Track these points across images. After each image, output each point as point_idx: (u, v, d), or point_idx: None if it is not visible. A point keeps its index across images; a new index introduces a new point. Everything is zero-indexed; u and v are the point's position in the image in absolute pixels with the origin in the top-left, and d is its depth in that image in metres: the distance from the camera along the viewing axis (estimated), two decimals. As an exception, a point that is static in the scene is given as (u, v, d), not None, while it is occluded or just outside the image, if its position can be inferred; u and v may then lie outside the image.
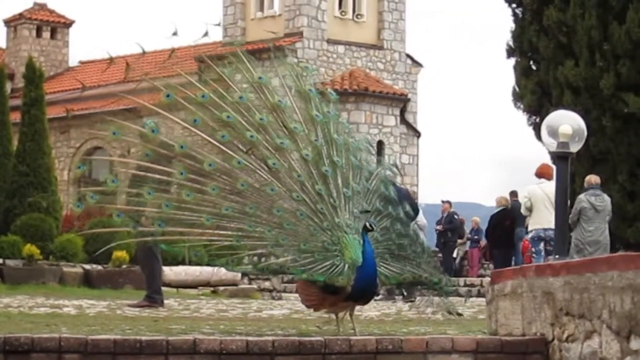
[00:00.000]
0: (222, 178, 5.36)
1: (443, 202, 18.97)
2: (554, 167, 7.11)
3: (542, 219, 10.51)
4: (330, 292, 5.23)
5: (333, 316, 5.47)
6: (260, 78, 5.49)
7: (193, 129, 5.42)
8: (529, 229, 11.53)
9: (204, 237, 5.34)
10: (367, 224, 5.25)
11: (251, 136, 5.38)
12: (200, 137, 5.42)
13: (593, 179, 10.76)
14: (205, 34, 5.82)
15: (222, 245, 5.32)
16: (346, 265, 5.18)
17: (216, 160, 5.36)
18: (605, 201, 10.64)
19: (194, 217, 5.29)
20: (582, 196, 10.55)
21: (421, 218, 13.48)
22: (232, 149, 5.38)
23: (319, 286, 5.22)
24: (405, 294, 9.85)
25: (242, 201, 5.31)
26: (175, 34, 5.85)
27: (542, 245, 10.87)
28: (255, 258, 5.35)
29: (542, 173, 10.81)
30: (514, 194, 16.95)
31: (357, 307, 5.53)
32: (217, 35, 28.16)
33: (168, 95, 5.46)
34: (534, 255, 11.05)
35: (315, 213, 5.28)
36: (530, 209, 10.87)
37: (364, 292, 5.31)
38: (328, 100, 5.61)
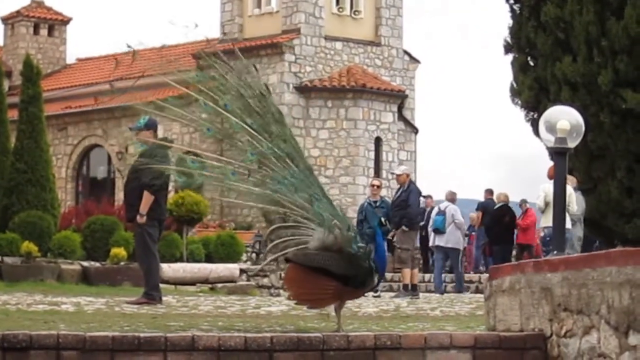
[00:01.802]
0: (278, 166, 5.16)
1: (424, 197, 19.14)
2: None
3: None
4: (363, 286, 5.15)
5: (332, 312, 5.47)
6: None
7: (228, 115, 5.19)
8: (542, 226, 11.92)
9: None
10: (382, 219, 5.43)
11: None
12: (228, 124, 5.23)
13: (576, 180, 11.84)
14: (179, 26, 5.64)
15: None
16: None
17: (263, 146, 5.17)
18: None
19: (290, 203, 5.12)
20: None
21: (459, 217, 13.93)
22: (263, 136, 5.18)
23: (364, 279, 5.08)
24: None
25: (304, 194, 5.15)
26: (172, 22, 5.67)
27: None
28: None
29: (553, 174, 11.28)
30: (489, 192, 17.11)
31: (355, 303, 5.53)
32: (214, 32, 28.16)
33: (197, 75, 5.27)
34: (544, 253, 11.36)
35: (332, 207, 5.23)
36: (546, 204, 11.45)
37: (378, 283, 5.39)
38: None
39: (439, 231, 14.04)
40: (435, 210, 14.32)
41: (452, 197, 14.79)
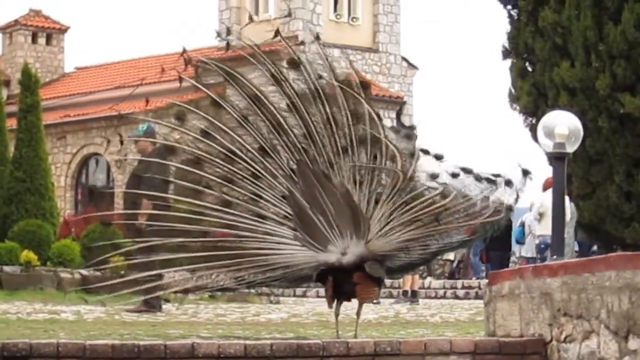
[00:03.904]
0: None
1: None
2: None
3: (550, 226, 11.17)
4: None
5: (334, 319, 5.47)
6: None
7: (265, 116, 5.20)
8: (537, 234, 12.10)
9: None
10: None
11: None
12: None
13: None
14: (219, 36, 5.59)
15: None
16: None
17: None
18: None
19: None
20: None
21: (535, 227, 14.59)
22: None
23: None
24: None
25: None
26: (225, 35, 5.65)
27: (548, 252, 11.36)
28: None
29: (549, 185, 11.45)
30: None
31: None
32: (212, 40, 28.19)
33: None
34: (539, 260, 11.52)
35: None
36: (541, 215, 11.81)
37: None
38: None
39: (519, 242, 14.94)
40: (519, 221, 15.24)
41: None
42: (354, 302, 5.30)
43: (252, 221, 5.16)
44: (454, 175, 5.32)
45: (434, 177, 5.29)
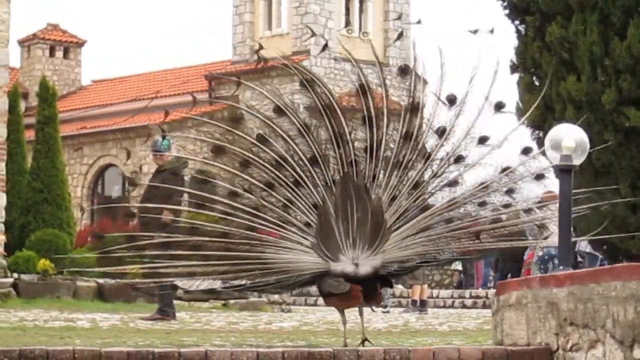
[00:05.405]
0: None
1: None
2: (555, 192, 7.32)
3: (555, 238, 11.07)
4: None
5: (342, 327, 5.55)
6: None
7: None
8: (540, 245, 12.03)
9: None
10: None
11: None
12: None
13: None
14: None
15: None
16: None
17: None
18: None
19: None
20: None
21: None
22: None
23: None
24: None
25: None
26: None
27: (550, 263, 11.30)
28: None
29: (548, 198, 11.41)
30: None
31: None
32: (226, 54, 28.40)
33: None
34: (542, 271, 11.48)
35: None
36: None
37: None
38: None
39: None
40: None
41: None
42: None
43: (275, 226, 5.15)
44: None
45: (539, 177, 5.38)
